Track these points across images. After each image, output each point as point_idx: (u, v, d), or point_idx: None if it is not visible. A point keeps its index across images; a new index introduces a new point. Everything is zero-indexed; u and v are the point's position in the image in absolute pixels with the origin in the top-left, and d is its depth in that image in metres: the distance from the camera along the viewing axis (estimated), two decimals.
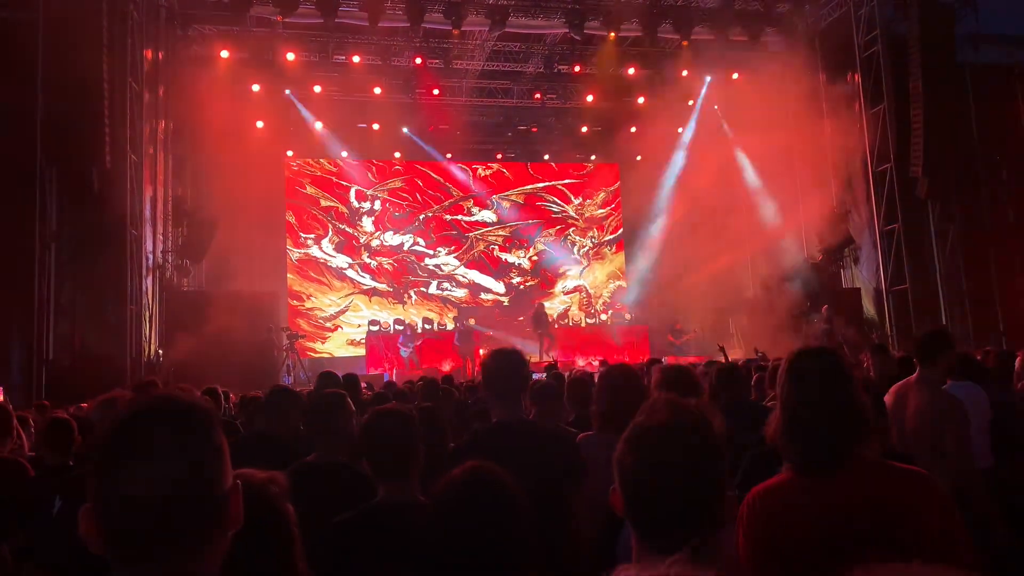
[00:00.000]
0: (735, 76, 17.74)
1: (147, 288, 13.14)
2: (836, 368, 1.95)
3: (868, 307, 15.63)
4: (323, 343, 19.89)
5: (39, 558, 2.82)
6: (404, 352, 17.53)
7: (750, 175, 18.99)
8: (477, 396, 5.71)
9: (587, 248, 22.49)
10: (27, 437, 4.37)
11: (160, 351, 13.31)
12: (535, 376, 7.13)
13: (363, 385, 8.75)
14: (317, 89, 17.05)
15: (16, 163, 11.18)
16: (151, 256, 13.62)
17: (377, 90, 17.32)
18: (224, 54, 15.57)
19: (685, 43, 15.85)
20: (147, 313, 13.08)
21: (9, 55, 11.41)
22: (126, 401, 1.20)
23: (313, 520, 1.92)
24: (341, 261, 20.48)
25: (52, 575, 2.76)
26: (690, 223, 19.86)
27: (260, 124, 18.02)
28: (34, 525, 3.02)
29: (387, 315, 20.00)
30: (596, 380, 3.71)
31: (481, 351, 18.68)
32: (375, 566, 2.26)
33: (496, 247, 21.75)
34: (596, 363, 12.90)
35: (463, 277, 21.34)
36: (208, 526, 1.11)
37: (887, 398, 3.79)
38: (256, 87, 16.68)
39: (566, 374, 6.06)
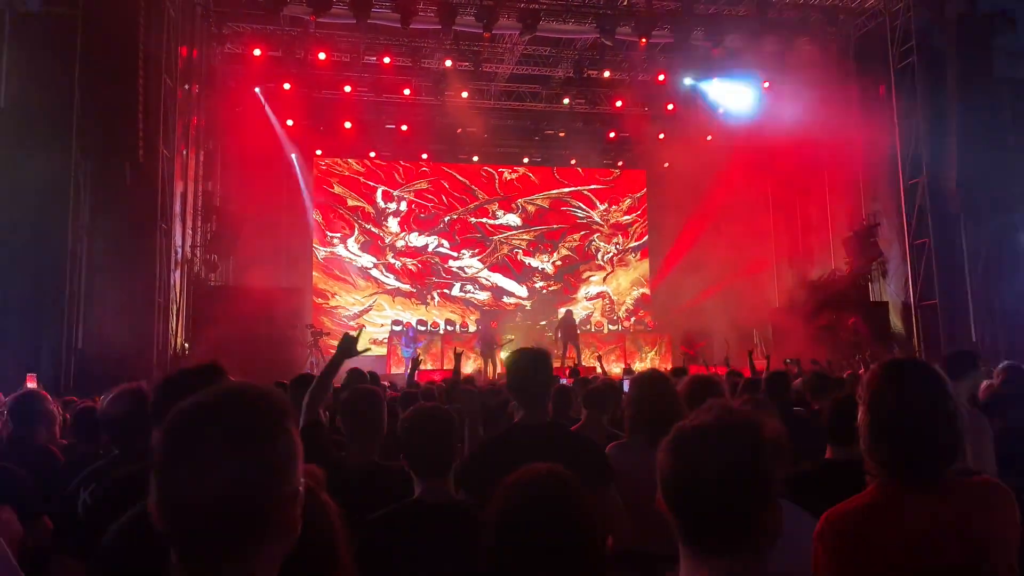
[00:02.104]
0: (766, 84, 17.61)
1: (175, 282, 13.28)
2: (939, 381, 1.90)
3: (896, 321, 15.42)
4: (362, 332, 19.93)
5: (68, 548, 2.84)
6: (406, 353, 17.55)
7: (778, 184, 18.84)
8: (498, 398, 5.68)
9: (611, 254, 22.41)
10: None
11: (186, 344, 13.44)
12: (561, 381, 7.13)
13: (386, 384, 8.79)
14: (347, 89, 17.16)
15: (51, 156, 11.36)
16: (180, 250, 13.77)
17: (407, 91, 17.41)
18: (256, 52, 15.74)
19: (716, 51, 15.74)
20: (174, 307, 13.22)
21: (48, 50, 11.61)
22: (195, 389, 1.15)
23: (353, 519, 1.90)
24: (366, 261, 20.59)
25: (78, 560, 2.77)
26: (716, 231, 19.74)
27: (290, 123, 18.19)
28: (60, 513, 3.05)
29: (410, 315, 20.07)
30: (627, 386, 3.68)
31: (502, 354, 18.70)
32: (413, 563, 2.25)
33: (520, 251, 21.74)
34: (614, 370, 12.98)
35: (486, 280, 21.36)
36: (260, 534, 1.08)
37: None
38: (287, 86, 16.84)
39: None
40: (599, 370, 13.72)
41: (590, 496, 1.60)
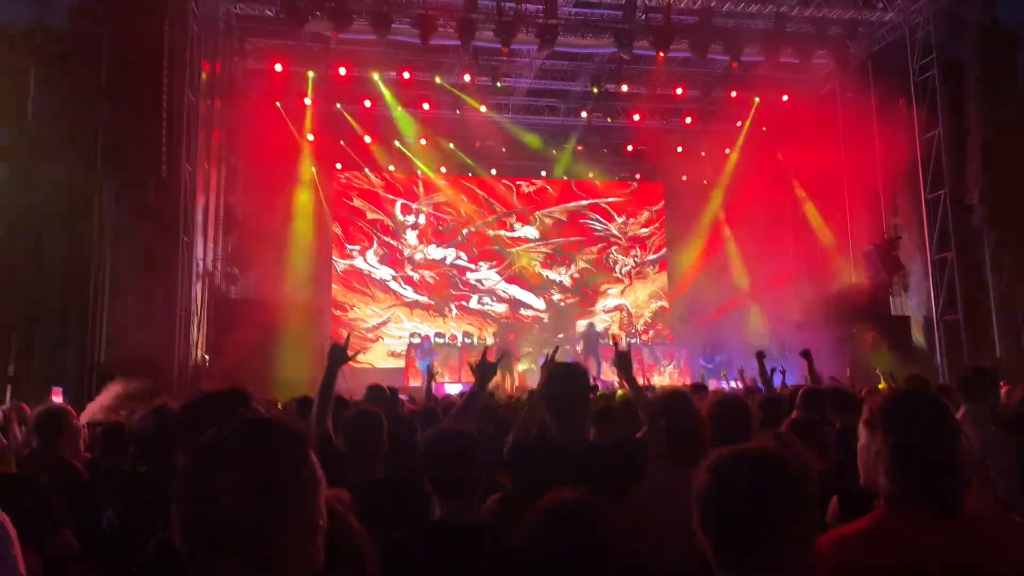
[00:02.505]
0: (785, 98, 17.57)
1: (196, 294, 13.41)
2: (949, 411, 1.91)
3: (917, 336, 15.25)
4: (364, 354, 20.05)
5: (92, 564, 2.88)
6: (422, 365, 17.64)
7: (798, 198, 18.76)
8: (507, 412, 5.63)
9: (629, 267, 22.37)
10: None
11: (207, 356, 13.55)
12: None
13: (404, 398, 8.81)
14: (367, 104, 17.32)
15: (76, 170, 11.56)
16: (201, 263, 13.91)
17: (425, 105, 17.55)
18: (278, 67, 15.92)
19: (735, 64, 15.73)
20: (195, 319, 13.34)
21: (74, 67, 11.83)
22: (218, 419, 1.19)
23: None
24: (384, 273, 20.69)
25: (100, 574, 2.81)
26: (735, 244, 19.67)
27: (311, 137, 18.37)
28: (84, 527, 3.09)
29: (428, 327, 20.13)
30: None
31: (519, 368, 18.70)
32: None
33: (537, 263, 21.76)
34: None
35: (504, 292, 21.38)
36: (283, 565, 1.10)
37: None
38: (308, 100, 17.02)
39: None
40: (616, 384, 13.65)
41: (616, 522, 1.61)
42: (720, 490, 1.39)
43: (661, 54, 15.44)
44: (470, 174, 21.14)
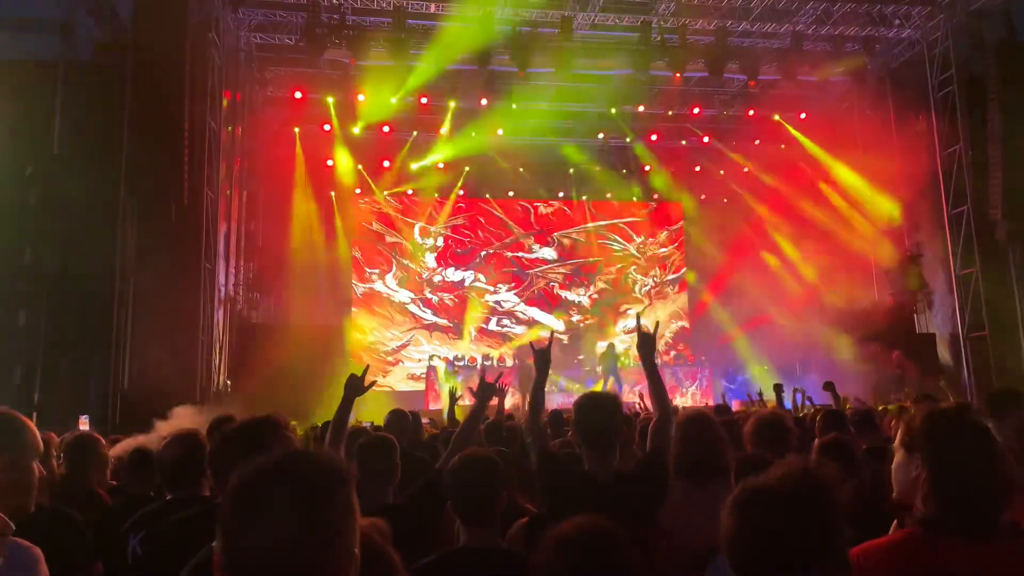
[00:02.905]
0: (803, 116, 17.53)
1: (218, 320, 13.52)
2: (987, 430, 1.89)
3: (944, 354, 15.04)
4: (384, 376, 20.09)
5: None
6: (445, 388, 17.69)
7: (818, 216, 18.64)
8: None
9: (648, 287, 22.29)
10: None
11: (229, 382, 13.63)
12: None
13: (426, 422, 8.78)
14: (386, 129, 17.50)
15: (100, 198, 11.76)
16: (223, 289, 14.04)
17: (444, 130, 17.69)
18: (297, 95, 16.14)
19: (752, 83, 15.75)
20: (217, 345, 13.44)
21: (99, 97, 12.09)
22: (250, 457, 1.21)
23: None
24: (404, 296, 20.76)
25: None
26: (755, 263, 19.56)
27: (330, 163, 18.57)
28: (110, 556, 3.10)
29: (447, 350, 20.13)
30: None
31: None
32: None
33: (556, 284, 21.74)
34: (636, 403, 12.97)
35: (523, 314, 21.37)
36: None
37: None
38: (327, 127, 17.23)
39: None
40: (638, 406, 13.57)
41: (636, 550, 1.60)
42: (747, 529, 1.38)
43: (677, 75, 15.49)
44: (488, 195, 21.24)
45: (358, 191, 20.48)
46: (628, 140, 18.95)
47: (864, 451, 4.83)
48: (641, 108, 17.59)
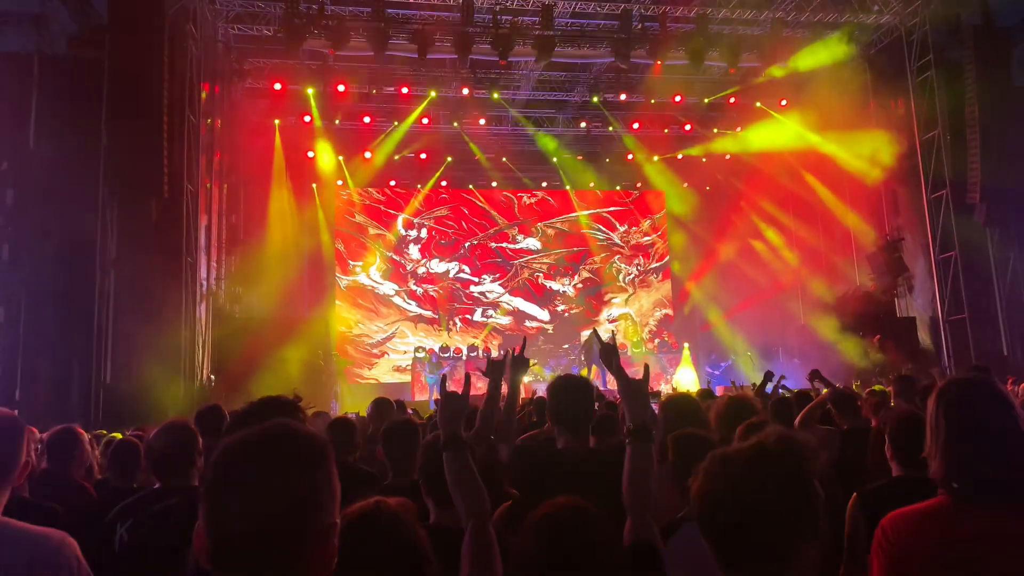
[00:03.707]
0: (783, 103, 17.61)
1: (200, 314, 13.43)
2: (1006, 395, 1.91)
3: (924, 337, 15.21)
4: (370, 369, 20.06)
5: None
6: (430, 379, 17.67)
7: (799, 201, 18.77)
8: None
9: (633, 276, 22.37)
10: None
11: (212, 376, 13.56)
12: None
13: (409, 411, 8.79)
14: (366, 120, 17.40)
15: (78, 193, 11.62)
16: (205, 283, 13.94)
17: (425, 120, 17.62)
18: (277, 86, 16.01)
19: (732, 70, 15.79)
20: (200, 339, 13.35)
21: (75, 91, 11.93)
22: (248, 426, 1.23)
23: None
24: (388, 288, 20.71)
25: None
26: (737, 250, 19.68)
27: (311, 154, 18.45)
28: (96, 547, 3.08)
29: (432, 342, 20.12)
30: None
31: (525, 379, 18.66)
32: None
33: (541, 275, 21.77)
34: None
35: (508, 304, 21.39)
36: (296, 563, 1.14)
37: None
38: (307, 118, 17.11)
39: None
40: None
41: (611, 527, 1.62)
42: (713, 491, 1.39)
43: (659, 62, 15.50)
44: (471, 186, 21.22)
45: (339, 183, 20.39)
46: (610, 129, 18.97)
47: (845, 432, 4.91)
48: (623, 96, 17.60)
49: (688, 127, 18.82)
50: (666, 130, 19.00)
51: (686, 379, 17.70)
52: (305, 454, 1.17)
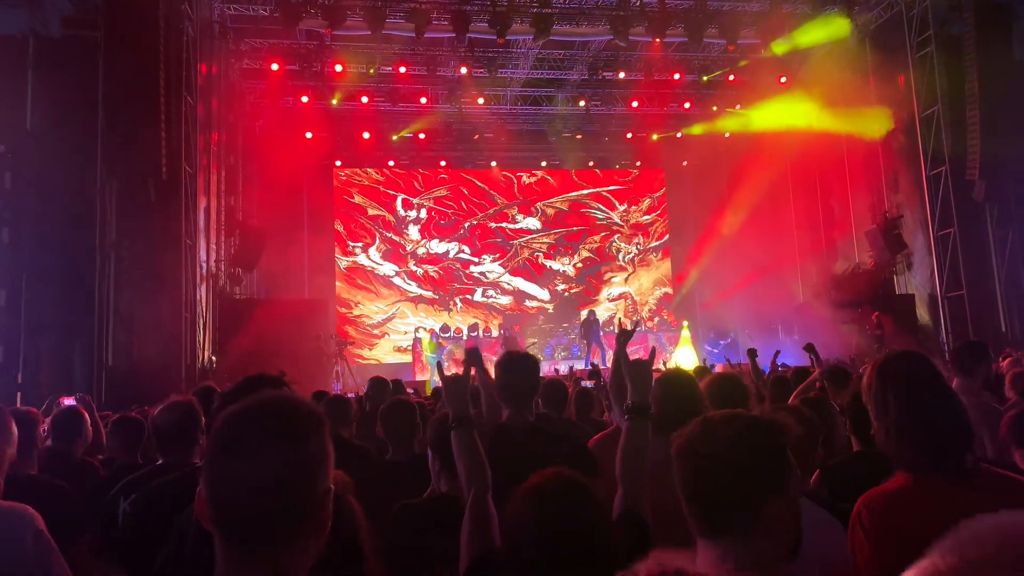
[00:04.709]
0: (783, 80, 17.53)
1: (201, 296, 13.46)
2: (939, 372, 1.96)
3: (923, 314, 15.25)
4: (371, 350, 20.14)
5: (108, 556, 2.92)
6: (432, 359, 17.80)
7: (799, 179, 18.74)
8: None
9: (632, 255, 22.38)
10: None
11: (214, 358, 13.62)
12: (583, 383, 7.17)
13: (410, 391, 8.86)
14: (364, 100, 17.34)
15: (77, 176, 11.61)
16: (205, 265, 13.96)
17: (423, 100, 17.55)
18: (274, 67, 15.94)
19: (731, 47, 15.70)
20: (201, 321, 13.40)
21: (71, 74, 11.88)
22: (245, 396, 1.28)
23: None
24: (388, 269, 20.74)
25: (123, 570, 2.85)
26: (737, 228, 19.66)
27: (309, 135, 18.40)
28: (103, 524, 3.13)
29: (433, 322, 20.18)
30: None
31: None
32: (433, 550, 2.43)
33: (541, 254, 21.79)
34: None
35: (508, 284, 21.42)
36: (295, 527, 1.19)
37: None
38: (305, 99, 17.04)
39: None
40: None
41: (602, 495, 1.67)
42: (690, 454, 1.45)
43: (657, 40, 15.41)
44: (469, 166, 21.18)
45: (338, 163, 20.36)
46: (609, 107, 18.89)
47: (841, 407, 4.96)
48: (622, 75, 17.51)
49: (687, 105, 18.73)
50: (664, 108, 18.91)
51: (685, 359, 17.77)
52: (300, 422, 1.21)
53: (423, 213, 21.17)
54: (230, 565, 1.17)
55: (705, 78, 17.66)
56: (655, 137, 20.24)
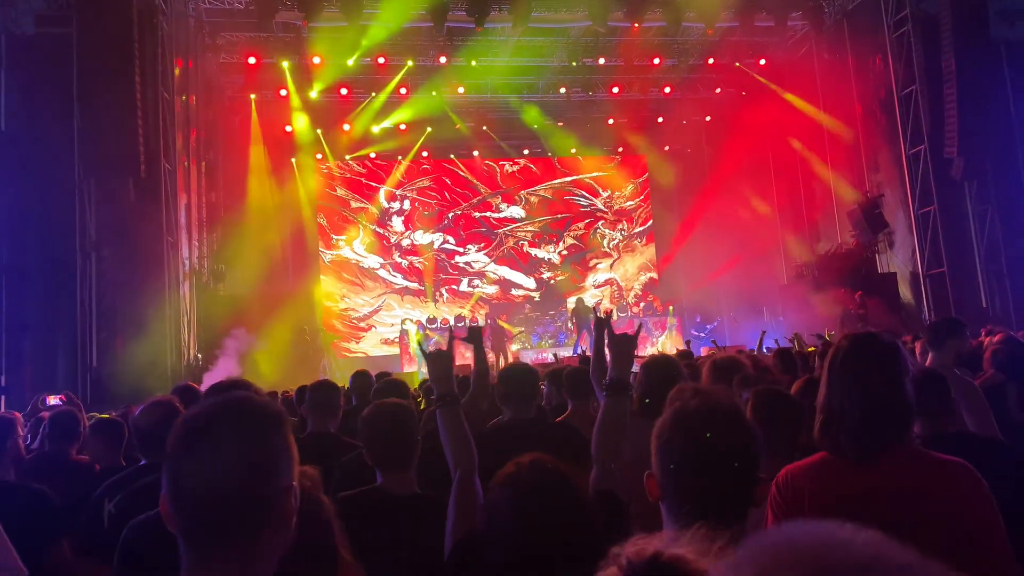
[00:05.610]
0: (762, 62, 17.57)
1: (184, 294, 13.38)
2: (878, 356, 1.95)
3: (905, 292, 15.39)
4: (357, 343, 20.10)
5: (94, 556, 2.92)
6: (419, 352, 17.80)
7: (780, 161, 18.81)
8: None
9: (617, 241, 22.42)
10: None
11: (199, 355, 13.55)
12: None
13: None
14: (344, 92, 17.22)
15: (55, 176, 11.47)
16: (187, 262, 13.87)
17: (403, 90, 17.45)
18: (251, 60, 15.79)
19: (710, 31, 15.71)
20: (185, 319, 13.32)
21: (45, 71, 11.71)
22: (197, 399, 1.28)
23: None
24: (373, 261, 20.67)
25: (107, 570, 2.84)
26: (720, 211, 19.74)
27: (289, 128, 18.27)
28: (88, 524, 3.12)
29: (419, 313, 20.16)
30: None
31: (513, 347, 18.78)
32: (374, 547, 2.39)
33: (525, 243, 21.78)
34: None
35: (493, 274, 21.42)
36: (258, 523, 1.19)
37: None
38: (283, 92, 16.91)
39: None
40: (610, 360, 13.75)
41: (582, 478, 1.68)
42: (680, 442, 1.47)
43: (636, 25, 15.39)
44: (452, 156, 21.11)
45: (319, 156, 20.23)
46: (590, 94, 18.86)
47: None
48: (602, 61, 17.47)
49: (668, 90, 18.73)
50: (644, 94, 18.90)
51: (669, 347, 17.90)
52: (260, 421, 1.23)
53: (406, 204, 21.10)
54: (194, 565, 1.18)
55: (685, 62, 17.64)
56: (635, 123, 20.22)
